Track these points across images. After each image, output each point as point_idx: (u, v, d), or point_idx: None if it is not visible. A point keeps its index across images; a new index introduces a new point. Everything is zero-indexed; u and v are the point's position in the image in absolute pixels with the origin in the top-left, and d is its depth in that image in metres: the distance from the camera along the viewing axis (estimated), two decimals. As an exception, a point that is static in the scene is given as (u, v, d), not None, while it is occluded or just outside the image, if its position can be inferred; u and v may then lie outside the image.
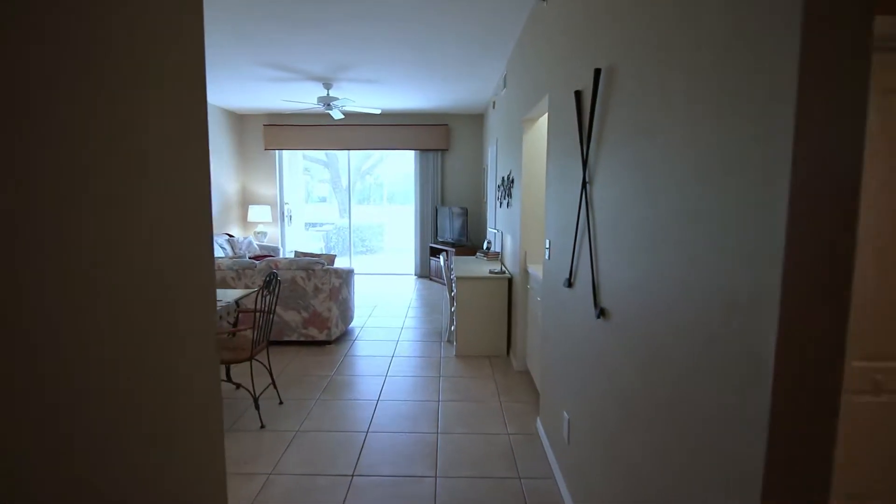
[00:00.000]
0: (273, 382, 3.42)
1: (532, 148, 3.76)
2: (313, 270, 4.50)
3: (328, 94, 5.80)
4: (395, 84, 5.78)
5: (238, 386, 3.67)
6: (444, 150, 8.05)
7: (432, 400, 3.46)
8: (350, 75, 5.32)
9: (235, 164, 7.93)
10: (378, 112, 6.33)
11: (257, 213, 7.92)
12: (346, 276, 4.80)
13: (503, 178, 4.85)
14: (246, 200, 8.21)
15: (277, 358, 4.28)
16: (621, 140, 1.63)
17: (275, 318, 4.54)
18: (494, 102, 6.03)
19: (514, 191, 4.20)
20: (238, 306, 3.49)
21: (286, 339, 4.59)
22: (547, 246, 2.76)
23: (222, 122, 7.48)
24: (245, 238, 7.18)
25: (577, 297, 2.14)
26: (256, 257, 6.82)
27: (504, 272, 4.37)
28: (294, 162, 10.12)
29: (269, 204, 8.20)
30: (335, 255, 4.86)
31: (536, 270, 3.50)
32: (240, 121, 8.02)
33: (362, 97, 6.47)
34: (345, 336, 4.95)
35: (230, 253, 6.79)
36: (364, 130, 7.93)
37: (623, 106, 1.62)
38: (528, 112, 3.56)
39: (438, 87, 5.98)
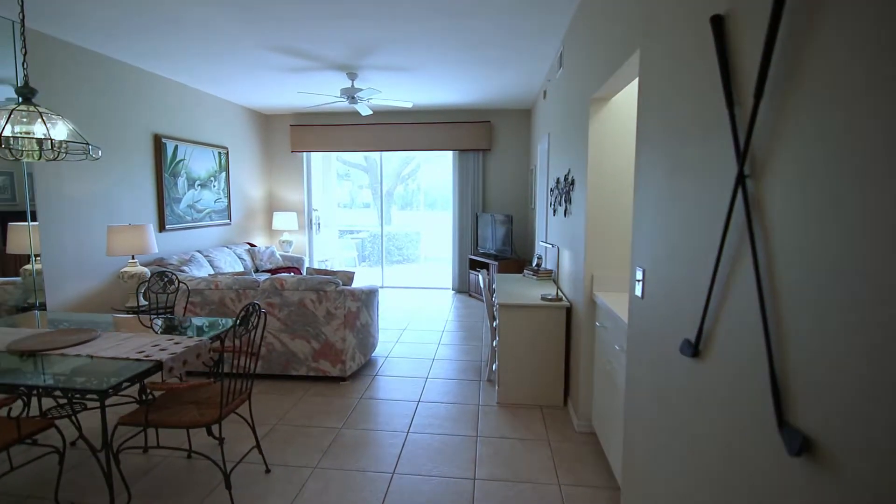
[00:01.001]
0: (258, 444, 2.62)
1: (603, 137, 2.82)
2: (325, 292, 3.71)
3: (353, 86, 5.05)
4: (428, 73, 4.96)
5: (221, 441, 2.90)
6: (485, 151, 7.16)
7: (465, 477, 2.56)
8: (376, 61, 4.54)
9: (261, 167, 7.35)
10: (409, 106, 5.52)
11: (283, 221, 7.30)
12: (367, 297, 3.99)
13: (558, 179, 3.91)
14: (272, 207, 7.62)
15: (280, 398, 3.51)
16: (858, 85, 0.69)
17: (281, 347, 3.79)
18: (545, 92, 5.10)
19: (574, 195, 3.26)
20: (223, 343, 2.75)
21: (293, 373, 3.82)
22: (638, 277, 1.82)
23: (247, 123, 6.91)
24: (267, 248, 6.55)
25: (718, 383, 1.19)
26: (276, 269, 6.17)
27: (561, 298, 3.42)
28: (328, 166, 9.54)
29: (295, 210, 7.57)
30: (354, 273, 4.07)
31: (609, 302, 2.54)
32: (266, 121, 7.45)
33: (391, 89, 5.69)
34: (364, 369, 4.13)
35: (249, 265, 6.16)
36: (397, 130, 7.16)
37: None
38: (598, 88, 2.63)
39: (479, 76, 5.11)
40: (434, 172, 14.52)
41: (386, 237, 10.93)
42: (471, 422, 3.18)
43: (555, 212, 4.10)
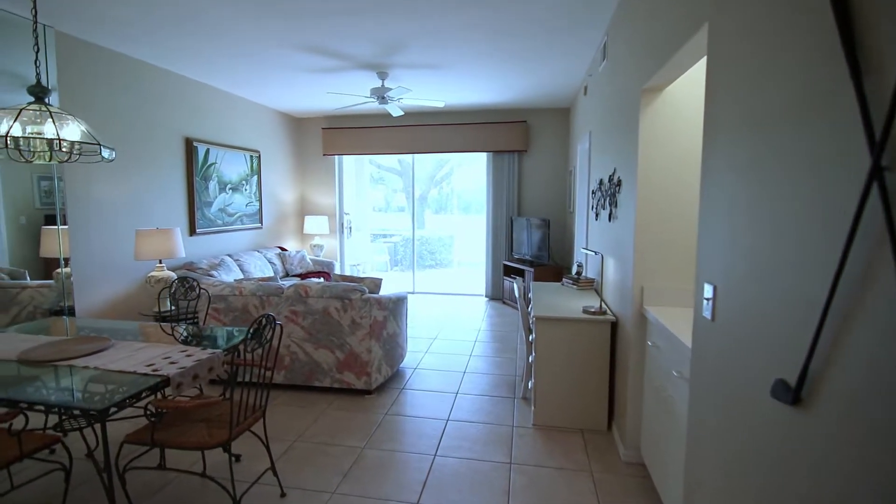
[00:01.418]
0: (272, 466, 2.43)
1: (657, 132, 2.50)
2: (350, 300, 3.52)
3: (383, 85, 4.88)
4: (461, 70, 4.73)
5: (236, 458, 2.74)
6: (521, 152, 6.86)
7: (497, 513, 2.29)
8: (406, 59, 4.34)
9: (293, 171, 7.31)
10: (441, 105, 5.31)
11: (314, 225, 7.22)
12: (395, 306, 3.78)
13: (601, 180, 3.59)
14: (303, 210, 7.56)
15: (301, 412, 3.33)
16: None
17: (305, 357, 3.63)
18: (586, 87, 4.77)
19: (621, 197, 2.95)
20: (238, 354, 2.58)
21: (317, 384, 3.64)
22: (707, 295, 1.51)
23: (280, 126, 6.87)
24: (298, 252, 6.47)
25: (831, 443, 0.89)
26: (307, 274, 6.07)
27: (605, 311, 3.10)
28: (361, 169, 9.46)
29: (326, 214, 7.48)
30: (381, 280, 3.86)
31: (663, 319, 2.22)
32: (298, 125, 7.41)
33: (422, 88, 5.49)
34: (391, 382, 3.91)
35: (279, 269, 6.09)
36: (429, 131, 6.96)
37: None
38: (651, 77, 2.32)
39: (515, 73, 4.83)
40: (468, 175, 14.28)
41: (418, 241, 10.76)
42: (504, 446, 2.90)
43: (597, 216, 3.77)
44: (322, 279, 6.16)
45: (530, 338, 3.49)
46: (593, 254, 3.40)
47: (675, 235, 2.51)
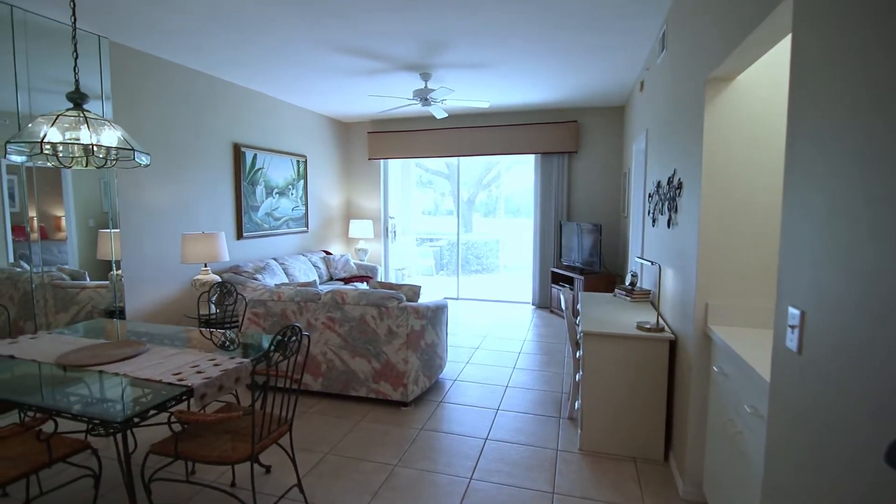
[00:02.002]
0: (299, 483, 2.33)
1: (724, 127, 2.19)
2: (386, 308, 3.39)
3: (426, 87, 4.75)
4: (507, 69, 4.52)
5: (268, 470, 2.67)
6: (571, 153, 6.54)
7: (536, 551, 2.06)
8: (449, 58, 4.19)
9: (340, 175, 7.35)
10: (486, 106, 5.12)
11: (359, 229, 7.22)
12: (433, 315, 3.62)
13: (658, 182, 3.28)
14: (349, 214, 7.59)
15: (336, 422, 3.24)
16: None
17: (341, 365, 3.54)
18: (643, 83, 4.43)
19: (682, 201, 2.64)
20: (270, 363, 2.50)
21: (353, 393, 3.54)
22: (792, 322, 1.24)
23: (326, 131, 6.93)
24: (342, 256, 6.47)
25: None
26: (350, 278, 6.05)
27: (662, 328, 2.79)
28: (407, 173, 9.43)
29: (371, 218, 7.47)
30: (420, 288, 3.72)
31: (733, 342, 1.92)
32: (345, 129, 7.45)
33: (467, 89, 5.32)
34: (429, 394, 3.75)
35: (324, 273, 6.11)
36: (474, 133, 6.79)
37: None
38: (718, 65, 2.03)
39: (564, 70, 4.57)
40: (517, 178, 13.99)
41: (464, 246, 10.59)
42: (546, 472, 2.66)
43: (654, 221, 3.45)
44: (365, 284, 6.12)
45: (578, 354, 3.23)
46: (649, 263, 3.09)
47: (746, 246, 2.20)
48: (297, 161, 6.15)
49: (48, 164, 2.18)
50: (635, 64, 4.41)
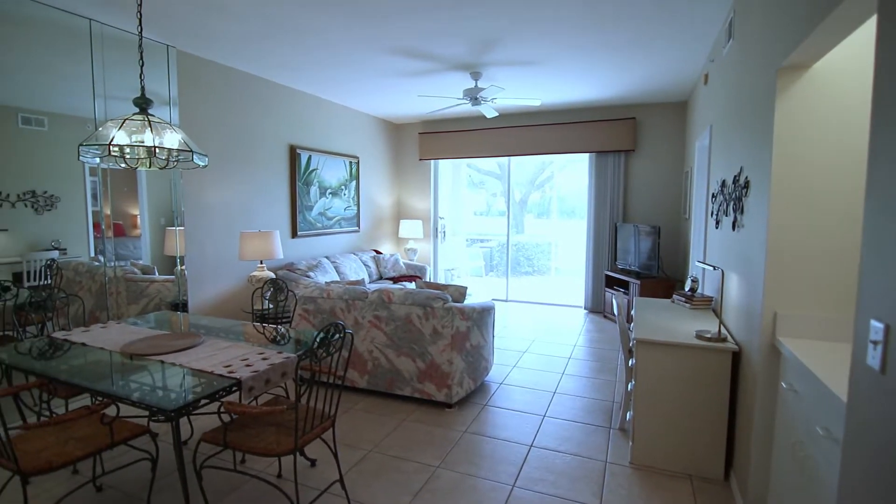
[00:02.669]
0: (341, 479, 2.35)
1: (798, 120, 2.00)
2: (432, 308, 3.38)
3: (476, 86, 4.71)
4: (559, 65, 4.39)
5: (313, 463, 2.72)
6: (628, 152, 6.27)
7: (579, 568, 1.97)
8: (499, 56, 4.13)
9: (390, 175, 7.45)
10: (538, 104, 5.00)
11: (409, 229, 7.29)
12: (479, 317, 3.57)
13: (723, 182, 3.06)
14: (399, 214, 7.68)
15: (380, 420, 3.26)
16: None
17: (387, 363, 3.57)
18: (707, 75, 4.17)
19: (748, 201, 2.44)
20: (314, 359, 2.54)
21: (398, 392, 3.56)
22: (874, 337, 1.09)
23: (378, 132, 7.05)
24: (392, 255, 6.55)
25: None
26: (399, 278, 6.11)
27: (725, 338, 2.59)
28: (458, 173, 9.43)
29: (421, 219, 7.52)
30: (466, 289, 3.68)
31: (805, 356, 1.74)
32: (396, 130, 7.54)
33: (518, 87, 5.22)
34: (473, 396, 3.70)
35: (374, 272, 6.21)
36: (526, 133, 6.66)
37: None
38: (791, 52, 1.85)
39: (621, 65, 4.38)
40: (571, 178, 13.64)
41: (515, 247, 10.43)
42: (593, 485, 2.54)
43: (718, 223, 3.23)
44: (414, 283, 6.16)
45: (630, 362, 3.07)
46: (711, 268, 2.88)
47: (821, 250, 1.99)
48: (350, 162, 6.29)
49: (118, 165, 2.33)
50: (699, 56, 4.15)
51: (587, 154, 6.50)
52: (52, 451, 1.96)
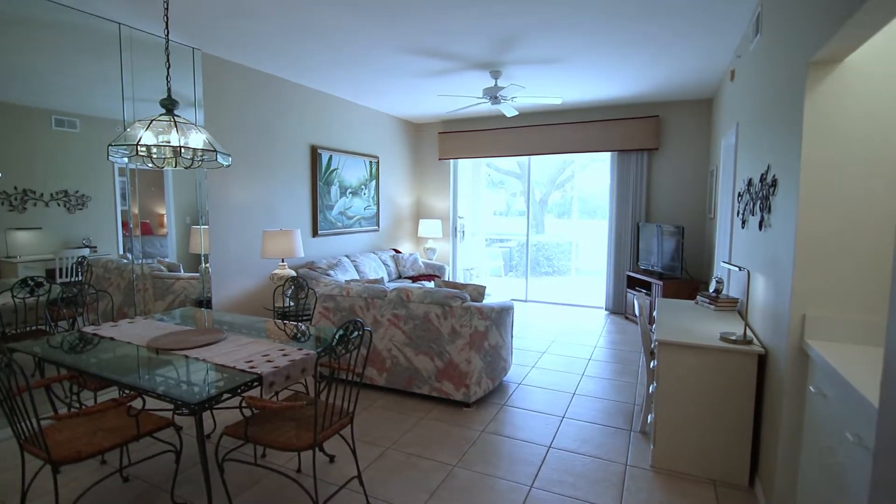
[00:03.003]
0: (359, 475, 2.37)
1: (829, 116, 1.94)
2: (450, 307, 3.38)
3: (496, 84, 4.69)
4: (581, 62, 4.34)
5: (331, 459, 2.75)
6: (651, 150, 6.17)
7: (598, 571, 1.94)
8: (520, 54, 4.10)
9: (410, 176, 7.49)
10: (559, 102, 4.95)
11: (428, 228, 7.30)
12: (498, 316, 3.56)
13: (750, 180, 2.98)
14: (419, 214, 7.70)
15: (399, 418, 3.27)
16: None
17: (405, 362, 3.59)
18: (733, 72, 4.07)
19: (776, 200, 2.37)
20: (334, 356, 2.57)
21: (416, 390, 3.57)
22: (912, 338, 1.04)
23: (397, 132, 7.08)
24: (411, 255, 6.58)
25: None
26: (418, 277, 6.13)
27: (750, 341, 2.53)
28: (478, 173, 9.41)
29: (440, 218, 7.53)
30: (484, 288, 3.67)
31: (834, 359, 1.68)
32: (416, 130, 7.57)
33: (538, 85, 5.18)
34: (491, 396, 3.69)
35: (393, 271, 6.24)
36: (547, 132, 6.61)
37: None
38: (823, 44, 1.79)
39: (644, 62, 4.30)
40: (592, 178, 13.48)
41: (534, 247, 10.36)
42: (613, 488, 2.50)
43: (744, 223, 3.15)
44: (432, 283, 6.17)
45: (652, 364, 3.02)
46: (737, 269, 2.81)
47: (851, 250, 1.92)
48: (370, 162, 6.34)
49: (146, 165, 2.39)
50: (725, 51, 4.06)
51: (609, 153, 6.41)
52: (81, 441, 2.02)
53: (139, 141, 2.19)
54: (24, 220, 3.22)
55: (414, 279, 6.18)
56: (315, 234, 5.38)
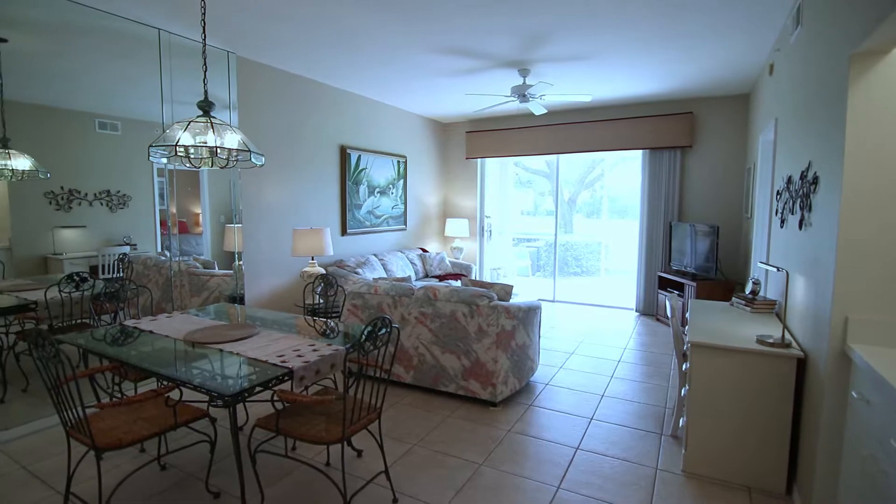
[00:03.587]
0: (386, 470, 2.40)
1: (875, 111, 1.85)
2: (477, 306, 3.38)
3: (524, 83, 4.66)
4: (611, 59, 4.27)
5: (359, 454, 2.79)
6: (684, 148, 6.01)
7: (626, 575, 1.91)
8: (549, 52, 4.06)
9: (437, 174, 7.51)
10: (588, 100, 4.89)
11: (455, 227, 7.31)
12: (525, 316, 3.53)
13: (790, 178, 2.87)
14: (445, 213, 7.72)
15: (426, 415, 3.30)
16: None
17: (432, 360, 3.60)
18: (772, 65, 3.93)
19: (817, 198, 2.28)
20: (362, 352, 2.60)
21: (442, 388, 3.58)
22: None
23: (425, 132, 7.12)
24: (438, 254, 6.60)
25: None
26: (444, 276, 6.15)
27: (789, 344, 2.44)
28: (505, 172, 9.37)
29: (467, 217, 7.52)
30: (512, 287, 3.65)
31: (880, 365, 1.61)
32: (444, 130, 7.59)
33: (568, 83, 5.11)
34: (518, 396, 3.67)
35: (420, 269, 6.28)
36: (576, 130, 6.52)
37: None
38: (868, 35, 1.71)
39: (677, 57, 4.20)
40: (623, 176, 13.23)
41: (562, 247, 10.24)
42: (643, 492, 2.46)
43: (783, 222, 3.04)
44: (459, 282, 6.18)
45: (684, 366, 2.94)
46: (775, 269, 2.71)
47: (902, 249, 1.83)
48: (398, 161, 6.39)
49: (184, 165, 2.48)
50: (763, 45, 3.92)
51: (640, 151, 6.28)
52: (122, 429, 2.11)
53: (178, 142, 2.27)
54: (69, 218, 3.39)
55: (441, 278, 6.20)
56: (344, 232, 5.47)
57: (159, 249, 3.98)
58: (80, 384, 2.01)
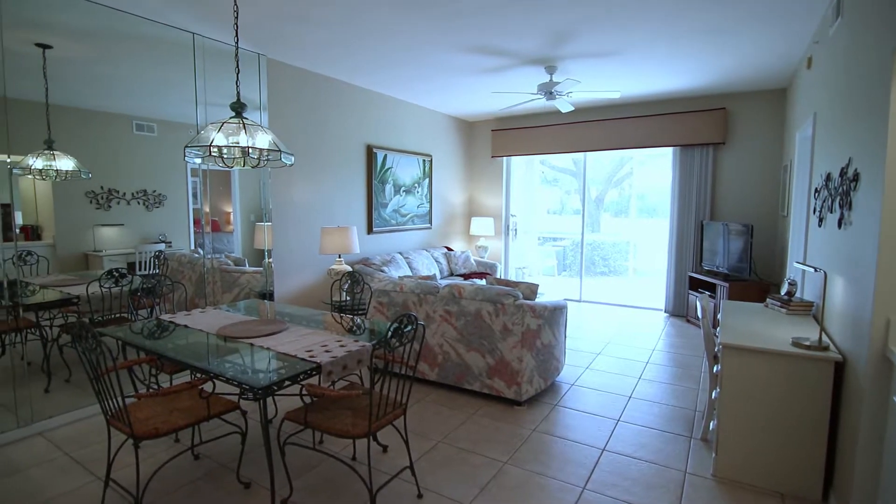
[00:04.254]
0: (411, 465, 2.42)
1: (921, 101, 1.77)
2: (502, 305, 3.37)
3: (551, 80, 4.62)
4: (640, 55, 4.19)
5: (385, 449, 2.83)
6: (717, 145, 5.85)
7: (654, 579, 1.88)
8: (576, 48, 4.02)
9: (463, 173, 7.51)
10: (617, 96, 4.81)
11: (480, 226, 7.31)
12: (551, 315, 3.51)
13: (828, 175, 2.77)
14: (471, 212, 7.72)
15: (450, 413, 3.31)
16: None
17: (456, 358, 3.62)
18: (810, 59, 3.78)
19: (857, 196, 2.19)
20: (388, 349, 2.63)
21: (467, 386, 3.59)
22: None
23: (451, 131, 7.13)
24: (462, 253, 6.61)
25: None
26: (469, 275, 6.16)
27: (827, 346, 2.35)
28: (531, 170, 9.31)
29: (492, 216, 7.50)
30: (537, 286, 3.63)
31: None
32: (469, 128, 7.58)
33: (595, 79, 5.04)
34: (543, 395, 3.64)
35: (445, 268, 6.30)
36: (604, 127, 6.42)
37: None
38: (916, 22, 1.63)
39: (709, 50, 4.09)
40: (652, 175, 12.96)
41: (589, 246, 10.10)
42: (671, 495, 2.41)
43: (821, 221, 2.93)
44: (484, 280, 6.17)
45: (715, 368, 2.87)
46: (812, 270, 2.62)
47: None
48: (423, 160, 6.42)
49: (217, 164, 2.55)
50: (801, 38, 3.78)
51: (671, 148, 6.14)
52: (158, 419, 2.20)
53: (212, 142, 2.35)
54: (108, 217, 3.53)
55: (466, 277, 6.21)
56: (370, 231, 5.53)
57: (193, 247, 4.11)
58: (120, 375, 2.10)
